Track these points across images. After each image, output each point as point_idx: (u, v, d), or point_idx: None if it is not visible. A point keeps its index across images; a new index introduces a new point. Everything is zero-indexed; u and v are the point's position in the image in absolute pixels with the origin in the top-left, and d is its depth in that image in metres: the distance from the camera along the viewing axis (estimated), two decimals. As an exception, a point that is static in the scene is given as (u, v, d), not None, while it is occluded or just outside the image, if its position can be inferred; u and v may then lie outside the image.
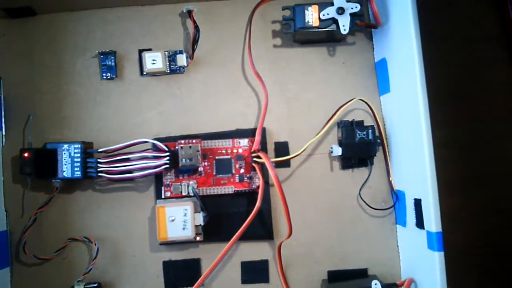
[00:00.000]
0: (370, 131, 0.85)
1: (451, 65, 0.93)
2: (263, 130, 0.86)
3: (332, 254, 0.87)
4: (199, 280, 0.82)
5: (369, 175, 0.87)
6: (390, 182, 0.87)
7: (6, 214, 0.84)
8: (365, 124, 0.88)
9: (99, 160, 0.82)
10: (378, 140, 0.86)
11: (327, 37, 0.89)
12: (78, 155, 0.81)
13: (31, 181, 0.83)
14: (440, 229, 0.73)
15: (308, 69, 0.90)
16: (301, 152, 0.83)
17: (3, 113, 0.85)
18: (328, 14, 0.83)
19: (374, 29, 0.89)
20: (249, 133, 0.87)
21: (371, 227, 0.87)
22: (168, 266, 0.85)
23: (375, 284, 0.80)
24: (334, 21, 0.84)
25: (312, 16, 0.84)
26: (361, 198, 0.87)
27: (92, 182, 0.86)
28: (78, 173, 0.81)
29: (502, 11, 0.94)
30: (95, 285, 0.83)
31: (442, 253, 0.72)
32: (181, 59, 0.87)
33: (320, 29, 0.84)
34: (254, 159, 0.84)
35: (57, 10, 0.89)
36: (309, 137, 0.86)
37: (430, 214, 0.73)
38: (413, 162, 0.78)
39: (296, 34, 0.87)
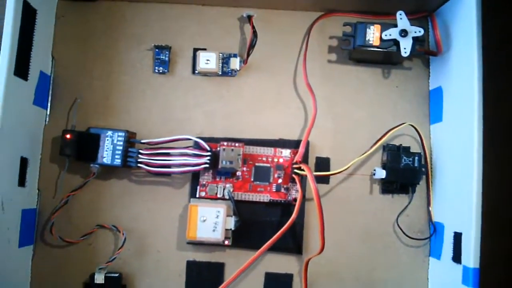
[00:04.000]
0: (416, 158, 0.83)
1: (509, 103, 0.90)
2: (307, 143, 0.84)
3: (359, 278, 0.84)
4: (221, 286, 0.81)
5: (409, 202, 0.85)
6: (429, 212, 0.84)
7: (38, 192, 0.84)
8: (412, 150, 0.85)
9: (140, 151, 0.81)
10: (423, 169, 0.84)
11: (384, 59, 0.87)
12: (121, 143, 0.81)
13: (69, 163, 0.83)
14: (478, 265, 0.70)
15: (360, 89, 0.88)
16: (344, 170, 0.81)
17: (50, 92, 0.86)
18: (390, 35, 0.82)
19: (433, 57, 0.88)
20: (292, 144, 0.85)
21: (404, 257, 0.85)
22: (192, 266, 0.84)
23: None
24: (395, 42, 0.82)
25: (373, 35, 0.82)
26: (398, 225, 0.84)
27: (130, 172, 0.85)
28: (118, 161, 0.81)
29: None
30: (117, 275, 0.82)
31: (477, 289, 0.70)
32: (235, 63, 0.87)
33: (380, 49, 0.83)
34: (295, 170, 0.82)
35: (118, -1, 0.89)
36: (351, 156, 0.84)
37: (470, 249, 0.71)
38: (457, 195, 0.77)
39: (353, 52, 0.86)
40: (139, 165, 0.81)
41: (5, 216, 0.74)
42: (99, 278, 0.80)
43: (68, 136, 0.81)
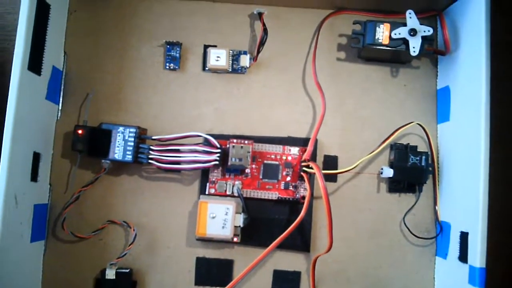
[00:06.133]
0: (423, 157, 0.84)
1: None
2: (315, 141, 0.85)
3: (366, 276, 0.86)
4: (230, 283, 0.82)
5: (416, 201, 0.86)
6: (436, 212, 0.85)
7: (49, 187, 0.85)
8: (419, 150, 0.86)
9: (151, 147, 0.82)
10: (430, 168, 0.85)
11: (392, 57, 0.88)
12: (132, 139, 0.82)
13: (81, 158, 0.84)
14: (484, 265, 0.71)
15: (369, 87, 0.89)
16: (352, 169, 0.82)
17: (62, 87, 0.86)
18: (399, 34, 0.82)
19: (441, 56, 0.88)
20: (300, 142, 0.86)
21: (410, 255, 0.86)
22: (201, 263, 0.85)
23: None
24: (404, 41, 0.83)
25: (383, 33, 0.83)
26: (405, 224, 0.85)
27: (140, 168, 0.86)
28: (129, 157, 0.82)
29: None
30: (127, 270, 0.83)
31: (483, 289, 0.71)
32: (245, 60, 0.88)
33: (389, 48, 0.83)
34: (304, 168, 0.83)
35: (130, -6, 0.90)
36: (359, 154, 0.85)
37: (476, 248, 0.72)
38: (464, 194, 0.77)
39: (362, 50, 0.86)
40: (150, 161, 0.82)
41: (18, 211, 0.75)
42: (110, 274, 0.82)
43: (80, 131, 0.82)
